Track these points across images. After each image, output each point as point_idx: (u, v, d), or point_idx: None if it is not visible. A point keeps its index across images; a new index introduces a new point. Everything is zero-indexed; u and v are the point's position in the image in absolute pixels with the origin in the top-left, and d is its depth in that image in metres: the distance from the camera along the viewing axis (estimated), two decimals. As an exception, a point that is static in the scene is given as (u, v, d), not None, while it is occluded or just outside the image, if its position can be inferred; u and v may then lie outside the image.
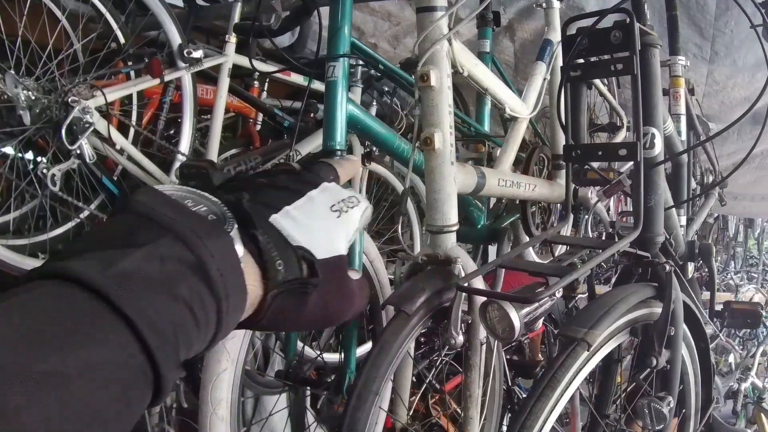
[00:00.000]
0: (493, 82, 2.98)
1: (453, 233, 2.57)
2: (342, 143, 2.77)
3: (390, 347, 2.39)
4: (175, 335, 0.81)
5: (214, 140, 3.49)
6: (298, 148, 3.72)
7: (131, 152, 3.20)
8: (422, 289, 2.44)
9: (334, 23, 2.82)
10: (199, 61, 3.43)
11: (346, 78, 2.79)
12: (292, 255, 1.02)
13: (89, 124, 2.93)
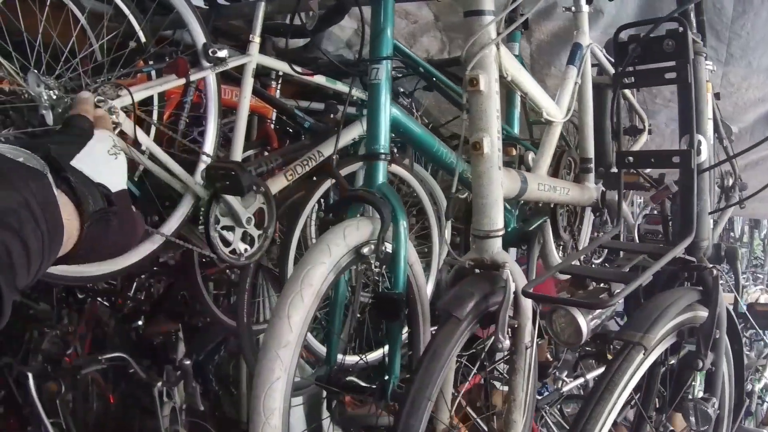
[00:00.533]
0: (532, 86, 3.01)
1: (499, 238, 2.59)
2: (386, 147, 2.77)
3: (442, 353, 2.40)
4: (9, 257, 1.01)
5: (238, 141, 3.46)
6: (321, 149, 3.73)
7: (157, 153, 3.16)
8: (471, 293, 2.47)
9: (376, 25, 2.83)
10: (224, 61, 3.39)
11: (389, 80, 2.80)
12: (95, 190, 1.31)
13: (116, 125, 2.89)
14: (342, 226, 2.56)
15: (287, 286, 2.42)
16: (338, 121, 4.08)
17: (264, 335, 2.42)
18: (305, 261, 2.45)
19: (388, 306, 2.73)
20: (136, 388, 5.22)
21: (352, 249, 2.57)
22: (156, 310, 5.56)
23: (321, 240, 2.51)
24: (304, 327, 2.38)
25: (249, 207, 3.38)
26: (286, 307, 2.35)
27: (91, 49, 3.41)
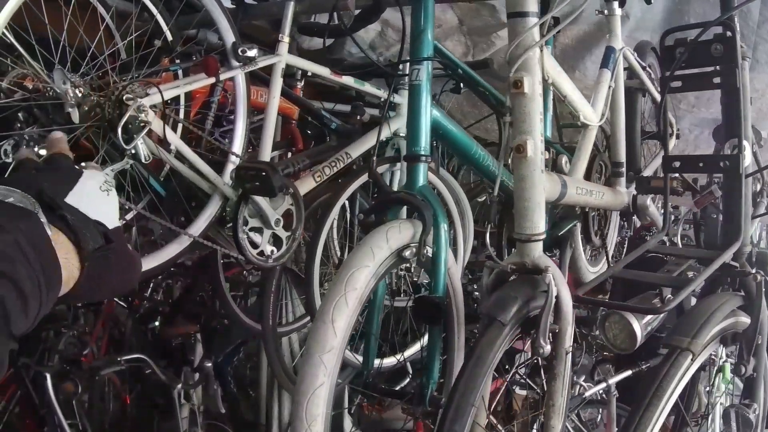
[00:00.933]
0: (571, 89, 2.98)
1: (540, 242, 2.56)
2: (427, 148, 2.73)
3: (486, 358, 2.37)
4: (4, 307, 0.97)
5: (267, 142, 3.41)
6: (349, 151, 3.71)
7: (186, 153, 3.12)
8: (514, 298, 2.44)
9: (417, 25, 2.79)
10: (253, 61, 3.35)
11: (430, 81, 2.76)
12: (93, 227, 1.27)
13: (145, 123, 2.86)
14: (384, 228, 2.52)
15: (331, 290, 2.37)
16: (364, 123, 4.07)
17: (307, 340, 2.37)
18: (349, 264, 2.40)
19: (429, 310, 2.69)
20: (152, 389, 5.20)
21: (393, 252, 2.53)
22: (174, 312, 5.53)
23: (364, 242, 2.47)
24: (348, 331, 2.34)
25: (278, 208, 3.35)
26: (330, 311, 2.30)
27: (117, 47, 3.41)
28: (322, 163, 3.67)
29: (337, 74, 3.75)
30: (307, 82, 4.31)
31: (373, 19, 3.10)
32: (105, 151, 3.00)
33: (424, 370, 2.85)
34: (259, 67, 3.40)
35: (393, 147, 3.98)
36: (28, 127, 3.14)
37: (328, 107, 4.38)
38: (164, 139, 3.01)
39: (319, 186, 3.62)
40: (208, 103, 3.71)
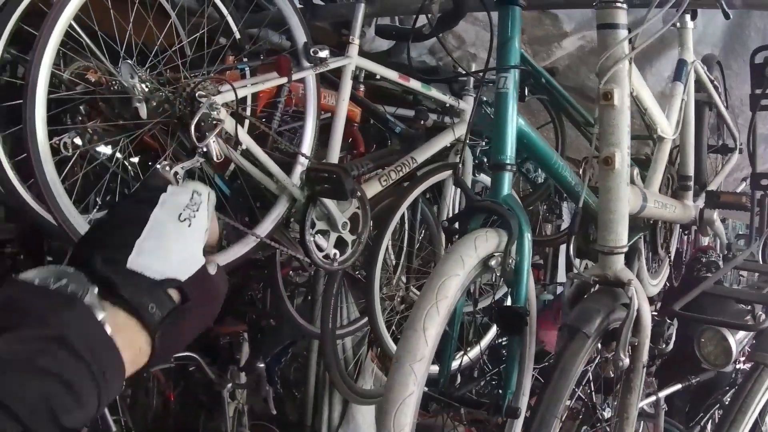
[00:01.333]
0: (652, 102, 2.97)
1: (623, 255, 2.55)
2: (512, 158, 2.70)
3: (570, 370, 2.38)
4: (48, 404, 0.88)
5: (335, 144, 3.40)
6: (414, 155, 3.70)
7: (257, 153, 3.08)
8: (598, 310, 2.44)
9: (504, 32, 2.75)
10: (325, 62, 3.32)
11: (516, 90, 2.72)
12: (160, 292, 1.09)
13: (218, 122, 2.80)
14: (472, 236, 2.48)
15: (422, 298, 2.32)
16: (427, 128, 4.07)
17: (398, 348, 2.32)
18: (439, 272, 2.36)
19: (512, 319, 2.65)
20: (197, 386, 5.23)
21: (480, 261, 2.48)
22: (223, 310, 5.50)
23: (454, 251, 2.43)
24: (437, 340, 2.29)
25: (345, 211, 3.33)
26: (421, 319, 2.26)
27: (181, 44, 3.33)
28: (387, 167, 3.66)
29: (404, 78, 3.73)
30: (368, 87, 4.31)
31: (453, 24, 3.07)
32: (165, 145, 2.99)
33: (502, 379, 2.82)
34: (330, 68, 3.38)
35: (456, 153, 3.97)
36: (90, 121, 3.14)
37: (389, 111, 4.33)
38: (236, 138, 2.96)
39: (384, 190, 3.60)
40: (273, 102, 3.68)
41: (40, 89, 2.44)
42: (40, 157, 2.45)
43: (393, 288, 4.09)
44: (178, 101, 2.81)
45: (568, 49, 4.95)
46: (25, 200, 2.90)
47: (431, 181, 3.89)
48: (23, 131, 2.44)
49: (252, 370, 4.99)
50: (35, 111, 2.43)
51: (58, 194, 2.48)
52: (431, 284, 2.32)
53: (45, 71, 2.44)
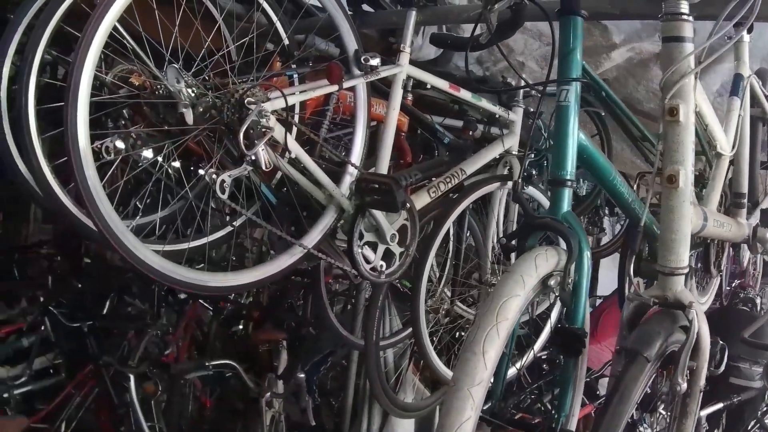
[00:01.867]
0: (713, 118, 2.92)
1: (683, 275, 2.50)
2: (572, 173, 2.65)
3: (630, 395, 2.32)
4: None
5: (385, 154, 3.37)
6: (464, 167, 3.69)
7: (306, 162, 3.03)
8: (658, 332, 2.39)
9: (565, 44, 2.72)
10: (375, 70, 3.27)
11: (578, 103, 2.67)
12: None
13: (267, 129, 2.76)
14: (532, 255, 2.43)
15: (482, 319, 2.26)
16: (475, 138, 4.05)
17: (455, 370, 2.26)
18: (499, 293, 2.30)
19: (569, 341, 2.60)
20: (232, 393, 5.21)
21: (540, 280, 2.43)
22: (264, 318, 5.50)
23: (514, 270, 2.37)
24: (496, 363, 2.23)
25: (393, 223, 3.28)
26: (481, 342, 2.20)
27: (228, 49, 3.30)
28: (435, 178, 3.64)
29: (455, 88, 3.70)
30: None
31: (510, 34, 3.00)
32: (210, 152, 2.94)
33: (555, 401, 2.77)
34: (380, 77, 3.34)
35: (505, 165, 3.95)
36: (134, 126, 3.10)
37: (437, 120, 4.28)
38: (285, 146, 2.92)
39: (432, 201, 3.57)
40: (320, 110, 3.64)
41: (83, 92, 2.40)
42: (82, 161, 2.41)
43: (437, 301, 4.06)
44: (226, 107, 2.76)
45: (616, 61, 4.91)
46: (64, 203, 2.89)
47: (479, 193, 3.86)
48: (65, 135, 2.40)
49: (291, 379, 4.96)
50: (77, 114, 2.40)
51: (100, 199, 2.45)
52: (491, 305, 2.26)
53: (88, 74, 2.41)
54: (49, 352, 4.85)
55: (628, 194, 3.01)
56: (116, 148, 2.88)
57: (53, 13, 2.84)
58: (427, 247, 3.66)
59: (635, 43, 4.77)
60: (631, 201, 3.09)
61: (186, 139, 2.84)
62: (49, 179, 2.85)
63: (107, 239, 2.49)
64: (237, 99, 2.74)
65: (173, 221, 3.24)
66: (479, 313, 2.36)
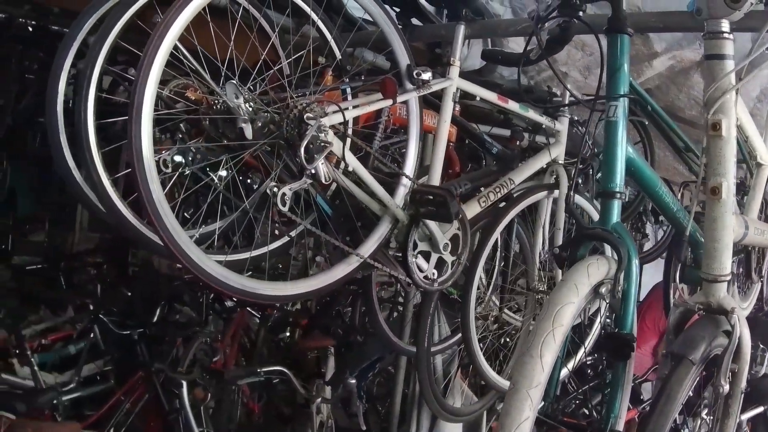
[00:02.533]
0: (753, 130, 3.09)
1: (726, 282, 2.67)
2: (622, 185, 2.84)
3: (676, 396, 2.51)
4: None
5: (437, 166, 3.50)
6: (512, 177, 3.86)
7: (363, 175, 3.17)
8: (702, 337, 2.59)
9: (613, 60, 2.92)
10: (427, 84, 3.38)
11: (626, 118, 2.87)
12: None
13: (326, 144, 2.88)
14: (585, 264, 2.63)
15: (539, 326, 2.47)
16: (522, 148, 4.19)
17: (514, 373, 2.47)
18: (555, 300, 2.52)
19: (618, 345, 2.79)
20: (280, 398, 5.41)
21: (592, 288, 2.64)
22: (311, 325, 5.67)
23: (568, 279, 2.59)
24: (552, 366, 2.45)
25: (446, 232, 3.41)
26: (539, 346, 2.40)
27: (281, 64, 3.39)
28: (485, 187, 3.80)
29: (503, 99, 3.83)
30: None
31: (558, 49, 3.19)
32: (270, 166, 3.09)
33: (605, 404, 2.94)
34: (432, 90, 3.45)
35: (551, 174, 4.10)
36: (191, 140, 3.25)
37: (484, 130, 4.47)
38: (342, 159, 3.06)
39: (482, 211, 3.72)
40: (373, 122, 3.78)
41: (146, 108, 2.51)
42: (147, 176, 2.51)
43: (486, 307, 4.21)
44: (285, 123, 2.88)
45: (657, 69, 5.08)
46: (126, 217, 3.04)
47: (527, 202, 4.01)
48: (130, 150, 2.50)
49: (339, 384, 5.13)
50: (142, 130, 2.50)
51: (165, 214, 2.55)
52: (548, 312, 2.47)
53: (151, 91, 2.52)
54: (97, 359, 4.99)
55: (672, 204, 3.19)
56: (173, 162, 3.07)
57: (110, 29, 3.02)
58: (477, 256, 3.81)
59: (676, 51, 4.94)
60: (675, 210, 3.27)
61: (245, 153, 2.97)
62: (110, 193, 3.01)
63: (173, 252, 2.60)
64: (296, 114, 2.86)
65: (229, 231, 3.42)
66: (537, 319, 2.56)
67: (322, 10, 3.50)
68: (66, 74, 3.16)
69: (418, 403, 5.06)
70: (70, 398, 4.68)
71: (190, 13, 2.58)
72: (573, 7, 2.96)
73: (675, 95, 5.36)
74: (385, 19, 3.36)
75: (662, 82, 5.34)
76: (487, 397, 4.76)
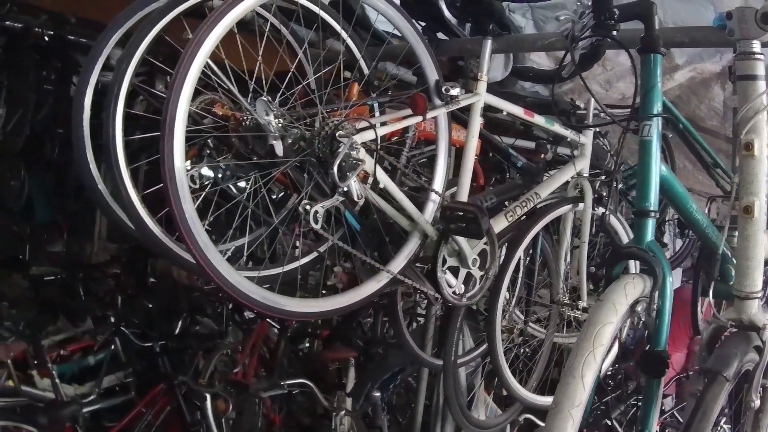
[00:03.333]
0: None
1: (757, 299, 2.75)
2: (656, 204, 2.92)
3: (711, 411, 2.59)
4: None
5: (466, 181, 3.53)
6: (538, 191, 3.91)
7: (393, 192, 3.20)
8: (735, 354, 2.68)
9: (647, 80, 2.97)
10: (456, 99, 3.41)
11: (659, 137, 2.94)
12: None
13: (359, 162, 2.89)
14: (622, 283, 2.71)
15: (580, 346, 2.55)
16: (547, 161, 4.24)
17: (556, 394, 2.53)
18: (594, 320, 2.59)
19: (654, 363, 2.85)
20: (300, 410, 5.44)
21: (629, 306, 2.71)
22: (332, 337, 5.77)
23: (607, 298, 2.66)
24: (593, 385, 2.52)
25: (474, 248, 3.46)
26: (580, 366, 2.48)
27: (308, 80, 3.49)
28: (511, 201, 3.85)
29: (529, 114, 3.88)
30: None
31: (588, 67, 3.26)
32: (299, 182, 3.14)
33: (640, 420, 3.00)
34: (460, 106, 3.49)
35: (576, 187, 4.13)
36: (220, 156, 3.28)
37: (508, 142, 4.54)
38: (373, 176, 3.10)
39: (509, 225, 3.76)
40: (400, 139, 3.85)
41: (179, 126, 2.52)
42: (179, 194, 2.53)
43: (510, 321, 4.25)
44: (317, 140, 2.92)
45: (679, 81, 5.19)
46: (155, 233, 3.06)
47: (552, 216, 4.05)
48: (162, 167, 2.51)
49: (360, 396, 5.18)
50: (174, 147, 2.52)
51: (197, 232, 2.57)
52: (588, 332, 2.55)
53: (183, 108, 2.54)
54: (117, 370, 5.05)
55: (702, 220, 3.26)
56: (201, 177, 3.12)
57: (138, 44, 3.04)
58: (503, 270, 3.84)
59: (697, 64, 5.06)
60: (705, 226, 3.34)
61: (277, 171, 3.03)
62: (139, 209, 3.03)
63: (206, 270, 2.63)
64: (329, 132, 2.90)
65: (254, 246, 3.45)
66: (577, 339, 2.62)
67: (351, 27, 3.53)
68: (92, 87, 3.17)
69: (442, 414, 5.14)
70: (91, 410, 4.74)
71: (221, 31, 2.61)
72: (607, 27, 3.02)
73: (696, 105, 5.47)
74: (414, 34, 3.39)
75: (683, 92, 5.44)
76: (511, 410, 4.83)
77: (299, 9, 3.30)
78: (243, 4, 2.64)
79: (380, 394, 5.19)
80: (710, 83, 5.28)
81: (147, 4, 3.17)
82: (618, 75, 5.27)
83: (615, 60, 5.09)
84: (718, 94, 5.33)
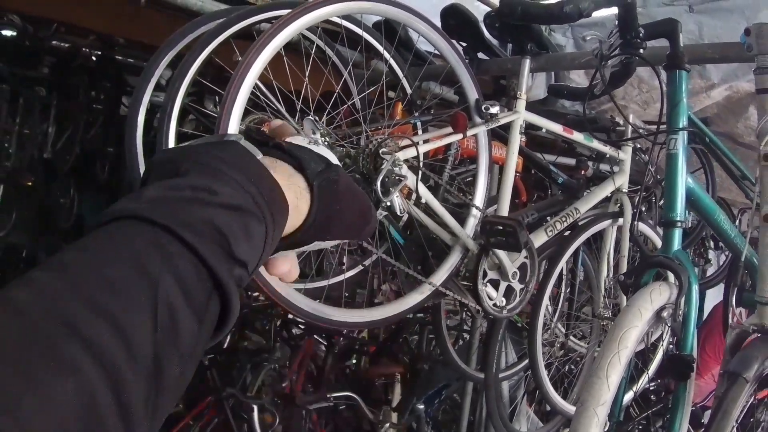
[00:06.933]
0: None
1: (780, 305, 2.99)
2: (683, 215, 3.17)
3: (731, 412, 2.83)
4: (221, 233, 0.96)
5: (506, 197, 3.72)
6: (578, 206, 4.12)
7: (435, 207, 3.36)
8: (756, 357, 2.91)
9: (674, 95, 3.21)
10: (496, 117, 3.57)
11: (686, 151, 3.18)
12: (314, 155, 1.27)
13: (402, 178, 3.04)
14: (648, 290, 2.96)
15: (606, 348, 2.79)
16: (587, 177, 4.51)
17: (582, 392, 2.79)
18: (620, 324, 2.84)
19: (679, 366, 3.11)
20: (344, 424, 5.67)
21: (655, 312, 2.95)
22: (380, 352, 6.03)
23: (633, 304, 2.92)
24: (618, 386, 2.76)
25: (515, 261, 3.65)
26: (605, 367, 2.72)
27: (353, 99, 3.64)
28: (551, 217, 4.06)
29: (568, 131, 4.08)
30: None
31: (620, 84, 3.45)
32: None
33: (667, 424, 3.22)
34: (500, 124, 3.66)
35: (616, 203, 4.35)
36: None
37: (549, 159, 4.78)
38: (416, 192, 3.26)
39: (549, 240, 3.97)
40: (443, 156, 4.11)
41: None
42: None
43: (551, 334, 4.48)
44: (361, 157, 3.09)
45: (715, 99, 5.46)
46: None
47: (592, 231, 4.27)
48: None
49: (406, 411, 5.43)
50: None
51: None
52: (613, 335, 2.80)
53: (234, 126, 2.70)
54: None
55: (730, 230, 3.48)
56: None
57: (190, 65, 3.24)
58: (544, 284, 4.09)
59: (732, 82, 5.29)
60: (733, 236, 3.59)
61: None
62: None
63: (257, 282, 2.77)
64: (372, 149, 3.07)
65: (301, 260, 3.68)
66: (603, 342, 2.88)
67: (394, 48, 3.73)
68: (145, 107, 3.38)
69: (485, 429, 5.30)
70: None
71: (269, 53, 2.77)
72: (634, 46, 3.25)
73: (733, 124, 5.71)
74: (454, 55, 3.54)
75: (720, 110, 5.66)
76: (552, 423, 5.03)
77: (343, 31, 3.48)
78: (290, 28, 2.79)
79: (425, 408, 5.41)
80: (745, 101, 5.53)
81: (198, 27, 3.41)
82: (654, 97, 5.49)
83: (650, 83, 5.33)
84: (753, 114, 5.54)
